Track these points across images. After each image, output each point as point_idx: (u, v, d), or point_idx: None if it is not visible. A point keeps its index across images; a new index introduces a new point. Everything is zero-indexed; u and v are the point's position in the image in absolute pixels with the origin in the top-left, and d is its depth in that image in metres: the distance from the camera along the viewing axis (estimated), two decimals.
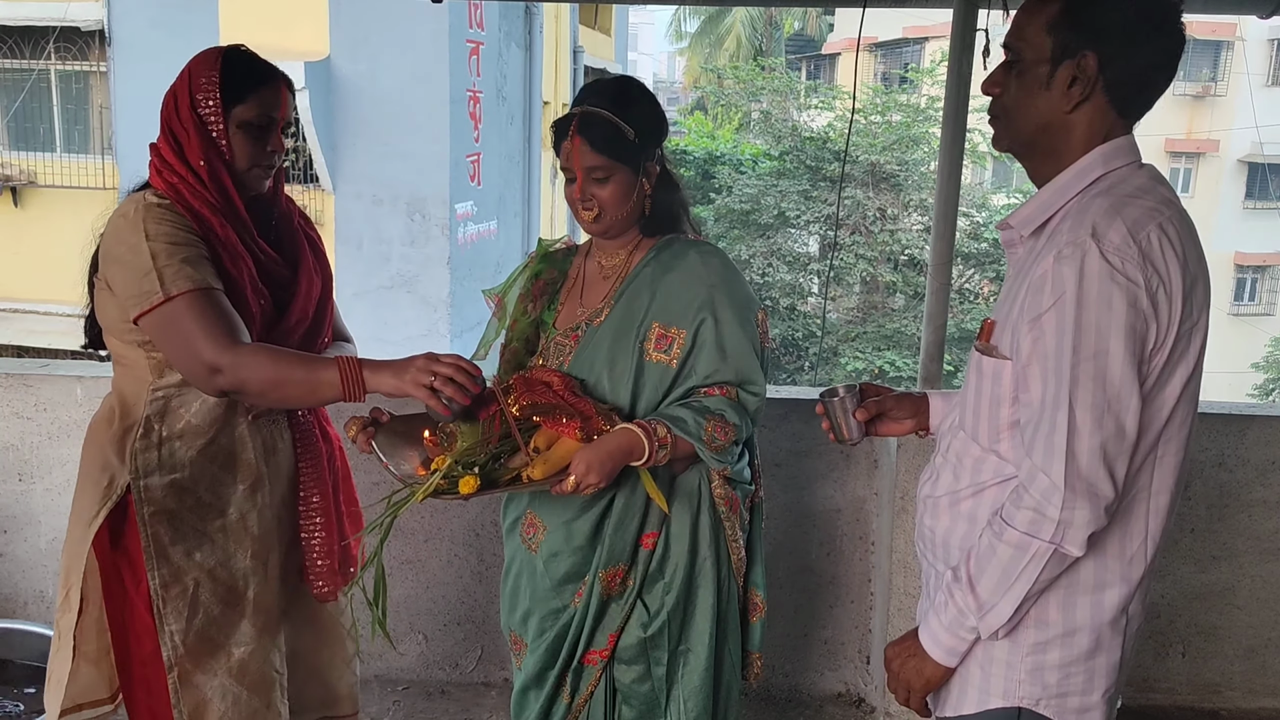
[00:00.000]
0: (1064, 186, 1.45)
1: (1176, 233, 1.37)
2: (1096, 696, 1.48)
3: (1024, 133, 1.49)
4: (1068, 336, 1.33)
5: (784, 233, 15.79)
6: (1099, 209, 1.37)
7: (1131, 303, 1.32)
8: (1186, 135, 23.62)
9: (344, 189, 10.55)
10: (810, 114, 17.59)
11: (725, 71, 21.33)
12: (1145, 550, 1.46)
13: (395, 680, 3.03)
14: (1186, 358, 1.40)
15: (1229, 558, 2.96)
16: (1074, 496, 1.35)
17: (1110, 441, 1.34)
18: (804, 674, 3.04)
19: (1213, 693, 3.05)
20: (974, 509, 1.50)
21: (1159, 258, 1.34)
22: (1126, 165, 1.45)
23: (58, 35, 10.71)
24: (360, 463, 2.77)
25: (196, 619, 1.86)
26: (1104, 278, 1.31)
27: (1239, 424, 2.94)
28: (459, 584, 3.02)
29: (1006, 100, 1.48)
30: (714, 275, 1.92)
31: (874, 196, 14.97)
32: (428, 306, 10.63)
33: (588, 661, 2.00)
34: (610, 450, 1.78)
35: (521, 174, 13.01)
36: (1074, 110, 1.43)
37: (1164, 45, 1.42)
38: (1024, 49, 1.45)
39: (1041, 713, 1.48)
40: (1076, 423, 1.34)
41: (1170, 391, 1.40)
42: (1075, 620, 1.45)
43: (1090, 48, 1.39)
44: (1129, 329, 1.32)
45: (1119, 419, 1.34)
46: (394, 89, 10.27)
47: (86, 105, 11.29)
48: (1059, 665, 1.47)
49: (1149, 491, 1.44)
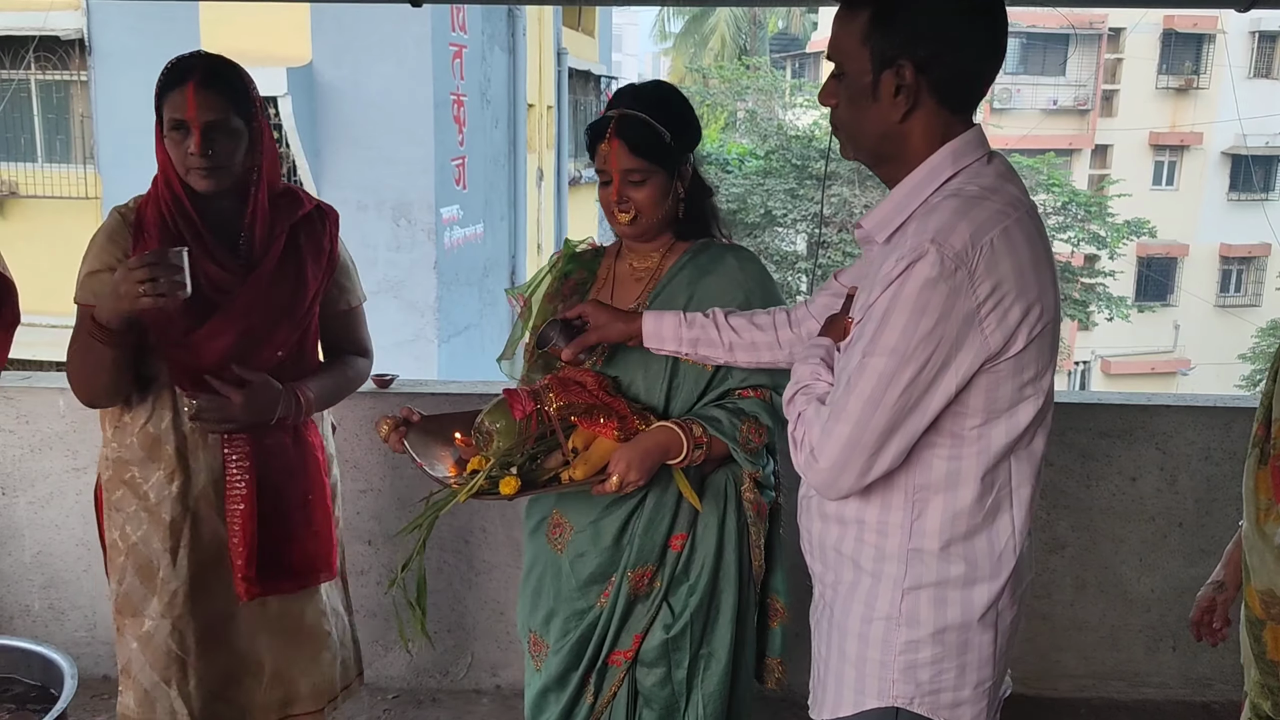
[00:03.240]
0: (916, 187, 1.43)
1: (1024, 235, 1.37)
2: (968, 691, 1.49)
3: (865, 144, 1.48)
4: (871, 326, 1.36)
5: (771, 231, 15.82)
6: (945, 211, 1.36)
7: (945, 313, 1.32)
8: (1170, 128, 23.72)
9: (328, 194, 10.49)
10: (796, 112, 17.64)
11: (710, 71, 21.36)
12: (1014, 544, 1.47)
13: (385, 689, 3.01)
14: (1034, 353, 1.39)
15: (1218, 551, 2.93)
16: (819, 472, 1.41)
17: (869, 436, 1.37)
18: (797, 674, 3.02)
19: (1204, 686, 3.05)
20: (840, 510, 1.51)
21: (1000, 264, 1.33)
22: (976, 161, 1.43)
23: (37, 44, 10.63)
24: (347, 470, 2.76)
25: (124, 584, 2.06)
26: (927, 284, 1.32)
27: (1224, 417, 2.94)
28: (449, 591, 3.00)
29: (841, 113, 1.47)
30: (751, 280, 1.96)
31: (860, 194, 15.00)
32: (415, 311, 10.59)
33: (612, 662, 2.00)
34: (649, 448, 1.81)
35: (507, 177, 12.98)
36: (905, 119, 1.41)
37: (982, 36, 1.40)
38: (844, 61, 1.43)
39: (916, 711, 1.49)
40: (848, 408, 1.37)
41: (1023, 387, 1.40)
42: (945, 618, 1.46)
43: (905, 56, 1.37)
44: (931, 336, 1.33)
45: (889, 421, 1.36)
46: (377, 93, 10.23)
47: (68, 115, 11.21)
48: (930, 663, 1.47)
49: (1010, 488, 1.46)
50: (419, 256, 10.58)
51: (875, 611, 1.49)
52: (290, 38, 10.00)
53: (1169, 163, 24.13)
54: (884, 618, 1.48)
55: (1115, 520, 2.97)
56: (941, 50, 1.37)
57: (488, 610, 3.01)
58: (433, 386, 3.08)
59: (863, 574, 1.50)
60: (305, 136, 10.10)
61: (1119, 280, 18.72)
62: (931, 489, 1.44)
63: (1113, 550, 2.99)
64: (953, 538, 1.44)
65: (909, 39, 1.37)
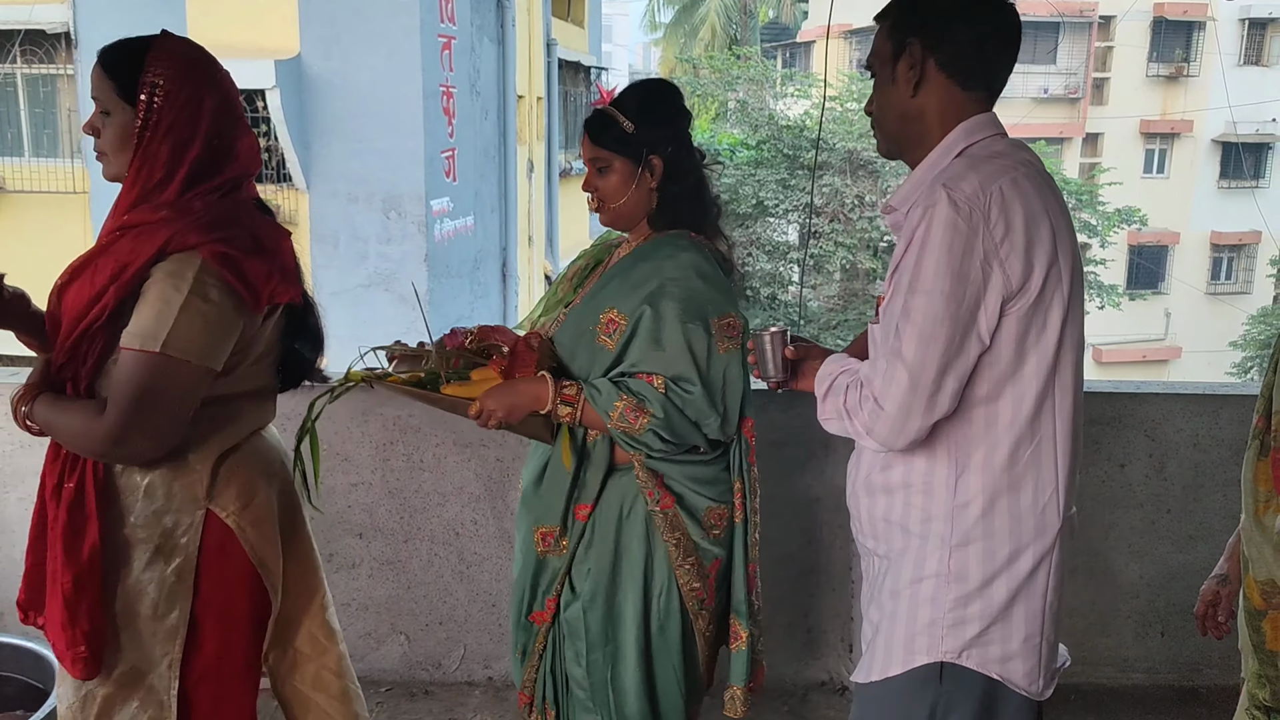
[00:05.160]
0: (933, 163, 1.56)
1: (1032, 185, 1.48)
2: (1016, 644, 1.54)
3: (889, 129, 1.62)
4: (906, 272, 1.46)
5: (763, 222, 15.81)
6: (956, 168, 1.50)
7: (967, 250, 1.42)
8: (1161, 116, 23.76)
9: (318, 187, 10.47)
10: (787, 102, 17.60)
11: (701, 61, 21.33)
12: (1057, 501, 1.53)
13: (378, 681, 3.02)
14: (1058, 298, 1.48)
15: (1206, 537, 2.98)
16: (887, 419, 1.47)
17: (928, 371, 1.44)
18: (787, 664, 3.04)
19: (1193, 671, 3.07)
20: (886, 480, 1.59)
21: (1011, 206, 1.44)
22: (989, 137, 1.55)
23: (23, 38, 10.57)
24: (337, 463, 2.75)
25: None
26: (948, 225, 1.42)
27: (1213, 404, 2.95)
28: (439, 584, 3.01)
29: (874, 108, 1.64)
30: (675, 270, 1.95)
31: (852, 184, 15.00)
32: (406, 304, 10.56)
33: (533, 619, 2.10)
34: (518, 390, 1.93)
35: (497, 168, 12.95)
36: (916, 93, 1.56)
37: (988, 19, 1.54)
38: (874, 61, 1.61)
39: (963, 664, 1.53)
40: (904, 351, 1.45)
41: (1050, 334, 1.49)
42: (993, 572, 1.52)
43: (914, 35, 1.54)
44: (961, 273, 1.42)
45: (942, 355, 1.44)
46: (366, 85, 10.19)
47: (54, 109, 11.15)
48: (979, 617, 1.53)
49: (1054, 434, 1.52)
50: (410, 249, 10.57)
51: (924, 570, 1.55)
52: (278, 30, 9.95)
53: (1159, 151, 24.17)
54: (933, 575, 1.54)
55: (1104, 507, 2.98)
56: (948, 28, 1.53)
57: (479, 603, 3.02)
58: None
59: (911, 537, 1.56)
60: (294, 129, 10.06)
61: (1110, 268, 18.78)
62: (972, 443, 1.50)
63: (1102, 536, 3.00)
64: (996, 491, 1.51)
65: (919, 22, 1.55)
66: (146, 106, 1.66)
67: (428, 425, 2.91)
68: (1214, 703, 2.98)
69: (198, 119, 1.69)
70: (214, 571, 1.77)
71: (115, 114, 1.69)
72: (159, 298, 1.60)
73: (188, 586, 1.74)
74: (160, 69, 1.67)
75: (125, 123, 1.68)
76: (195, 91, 1.69)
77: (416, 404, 2.90)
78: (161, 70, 1.67)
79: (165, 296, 1.60)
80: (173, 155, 1.67)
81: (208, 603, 1.77)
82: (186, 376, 1.62)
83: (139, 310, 1.61)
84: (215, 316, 1.63)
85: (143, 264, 1.62)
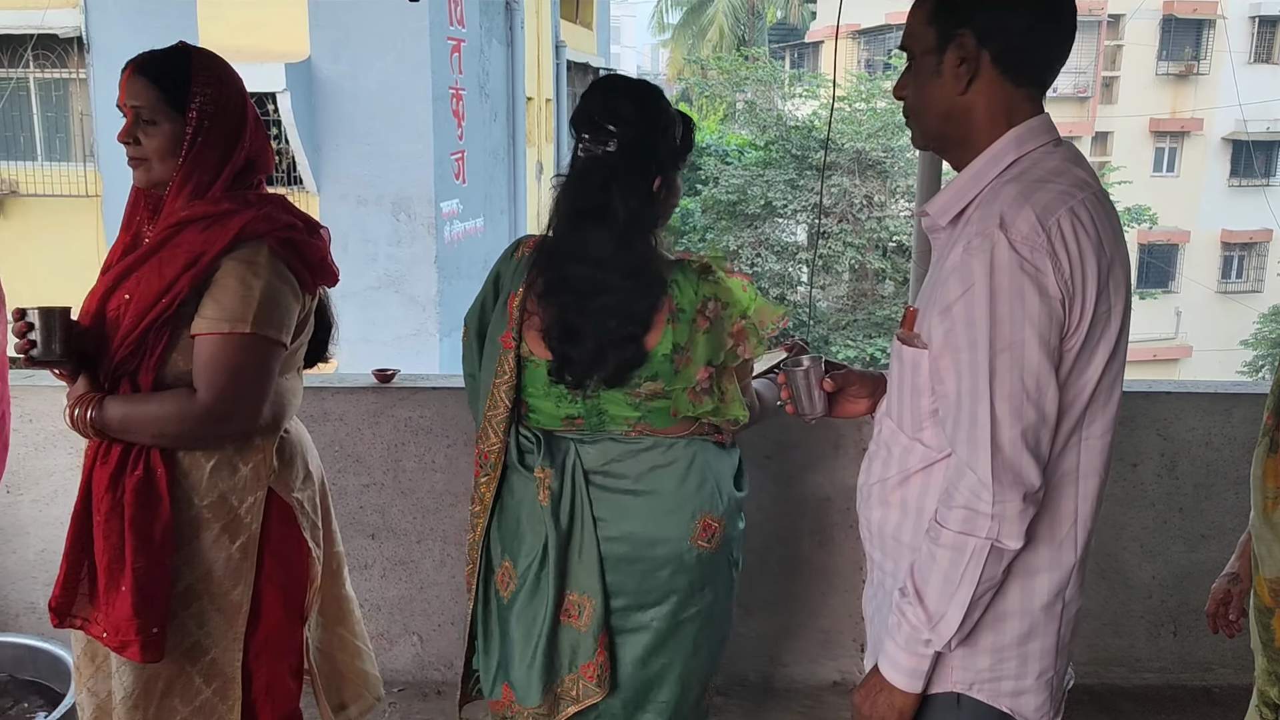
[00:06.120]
0: (979, 173, 1.44)
1: (1090, 215, 1.37)
2: (1030, 680, 1.47)
3: (931, 126, 1.50)
4: (981, 329, 1.33)
5: (772, 222, 15.79)
6: (1008, 197, 1.36)
7: (1041, 291, 1.32)
8: (1170, 115, 23.67)
9: (328, 190, 10.52)
10: (795, 103, 17.59)
11: (709, 62, 21.33)
12: (1075, 535, 1.45)
13: (390, 681, 3.02)
14: (1105, 339, 1.40)
15: (1218, 536, 2.97)
16: (1003, 489, 1.34)
17: (1030, 430, 1.34)
18: (800, 664, 3.04)
19: (1205, 670, 3.06)
20: (903, 496, 1.50)
21: (1070, 243, 1.33)
22: (1041, 147, 1.44)
23: (36, 43, 10.64)
24: (349, 465, 2.75)
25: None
26: (1013, 269, 1.31)
27: (1225, 403, 2.95)
28: (452, 584, 3.02)
29: (910, 99, 1.51)
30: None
31: (860, 184, 14.97)
32: (416, 306, 10.61)
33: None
34: None
35: (506, 170, 12.99)
36: (967, 91, 1.43)
37: (1044, 5, 1.42)
38: (913, 45, 1.48)
39: (975, 697, 1.47)
40: (997, 415, 1.33)
41: (1091, 374, 1.39)
42: (1006, 606, 1.44)
43: (965, 26, 1.41)
44: (1041, 318, 1.32)
45: (1039, 406, 1.34)
46: (376, 88, 10.24)
47: (67, 113, 11.23)
48: (990, 650, 1.46)
49: (1076, 475, 1.44)
50: (419, 251, 10.61)
51: None
52: (288, 33, 10.00)
53: (1169, 149, 24.08)
54: None
55: (1116, 506, 2.98)
56: (1001, 18, 1.40)
57: None
58: (434, 381, 3.08)
59: None
60: (304, 132, 10.11)
61: None
62: None
63: (1113, 536, 3.00)
64: None
65: (971, 11, 1.41)
66: (199, 115, 1.77)
67: (439, 426, 2.92)
68: (1227, 702, 2.97)
69: (242, 126, 1.82)
70: (275, 547, 1.87)
71: (162, 122, 1.77)
72: (240, 282, 1.73)
73: (252, 563, 1.84)
74: (208, 79, 1.79)
75: (174, 131, 1.77)
76: (239, 100, 1.83)
77: (427, 405, 2.93)
78: (210, 80, 1.79)
79: (246, 281, 1.73)
80: (221, 159, 1.79)
81: (270, 577, 1.87)
82: (273, 353, 1.77)
83: (217, 297, 1.73)
84: (288, 298, 1.78)
85: (217, 253, 1.73)
